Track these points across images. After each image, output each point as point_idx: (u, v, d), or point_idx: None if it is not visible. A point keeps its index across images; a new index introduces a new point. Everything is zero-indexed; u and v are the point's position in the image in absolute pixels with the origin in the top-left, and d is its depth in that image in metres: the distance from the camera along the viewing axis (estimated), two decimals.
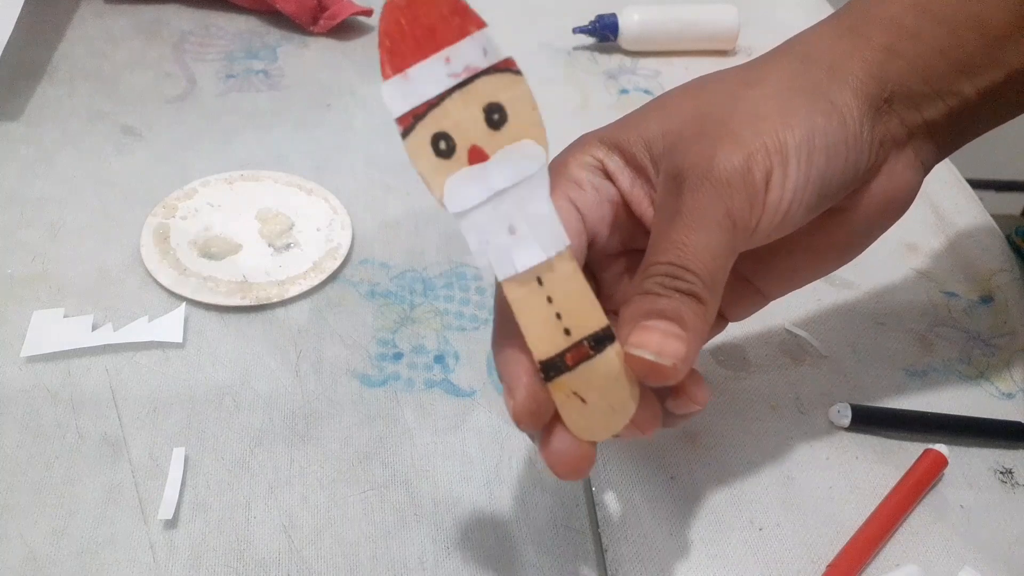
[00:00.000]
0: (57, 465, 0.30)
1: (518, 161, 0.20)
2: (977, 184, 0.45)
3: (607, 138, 0.25)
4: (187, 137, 0.44)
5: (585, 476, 0.22)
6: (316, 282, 0.37)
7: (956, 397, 0.34)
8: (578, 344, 0.21)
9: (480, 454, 0.31)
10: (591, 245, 0.25)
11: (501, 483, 0.31)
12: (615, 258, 0.26)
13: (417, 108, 0.20)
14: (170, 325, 0.35)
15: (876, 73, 0.24)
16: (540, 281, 0.21)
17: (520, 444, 0.32)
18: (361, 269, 0.38)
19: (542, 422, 0.22)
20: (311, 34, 0.51)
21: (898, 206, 0.26)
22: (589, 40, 0.51)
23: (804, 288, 0.28)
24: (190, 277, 0.36)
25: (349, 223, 0.39)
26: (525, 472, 0.31)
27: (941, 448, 0.31)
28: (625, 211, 0.25)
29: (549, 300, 0.21)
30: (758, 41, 0.51)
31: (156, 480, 0.30)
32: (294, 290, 0.36)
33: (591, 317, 0.21)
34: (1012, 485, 0.31)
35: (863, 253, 0.27)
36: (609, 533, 0.29)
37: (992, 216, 0.42)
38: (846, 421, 0.32)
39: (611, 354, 0.21)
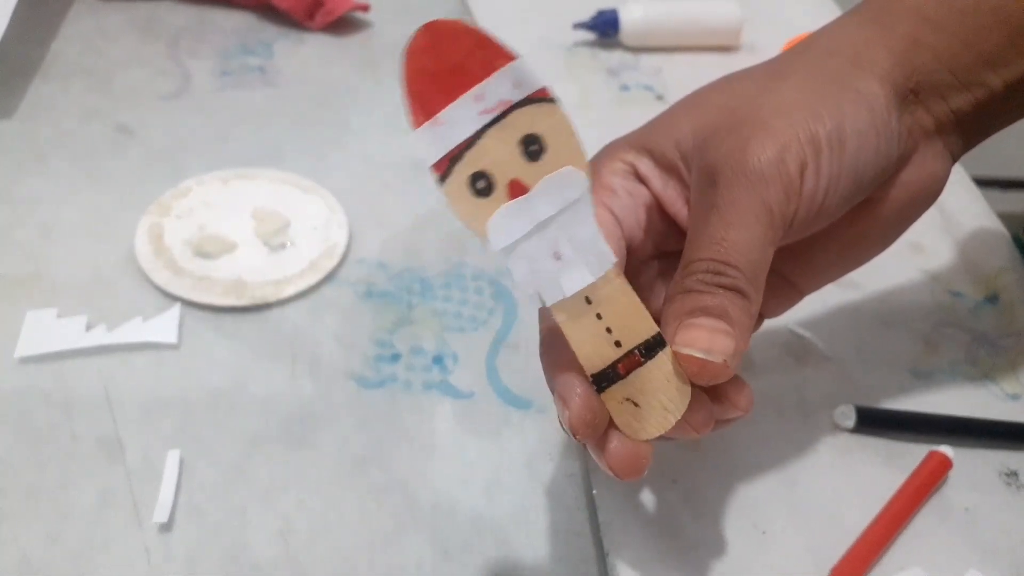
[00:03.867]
0: (51, 468, 0.30)
1: (561, 189, 0.20)
2: (983, 183, 0.45)
3: (636, 141, 0.25)
4: (182, 135, 0.43)
5: (643, 474, 0.22)
6: (312, 282, 0.36)
7: (961, 398, 0.34)
8: (629, 353, 0.21)
9: (479, 457, 0.31)
10: (627, 250, 0.25)
11: (501, 487, 0.30)
12: (647, 262, 0.26)
13: (452, 151, 0.20)
14: (164, 326, 0.34)
15: (901, 62, 0.24)
16: (588, 300, 0.21)
17: (520, 447, 0.31)
18: (358, 269, 0.38)
19: (599, 431, 0.22)
20: (308, 30, 0.51)
21: (928, 195, 0.26)
22: (590, 36, 0.51)
23: None
24: (185, 277, 0.36)
25: (346, 222, 0.39)
26: (525, 476, 0.31)
27: (946, 450, 0.31)
28: (658, 213, 0.25)
29: (599, 316, 0.21)
30: (762, 37, 0.51)
31: (151, 483, 0.29)
32: (290, 290, 0.36)
33: (641, 327, 0.21)
34: (1017, 487, 0.31)
35: None
36: (610, 537, 0.28)
37: (998, 215, 0.42)
38: (851, 423, 0.32)
39: (662, 358, 0.21)
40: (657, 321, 0.22)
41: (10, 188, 0.40)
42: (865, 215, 0.25)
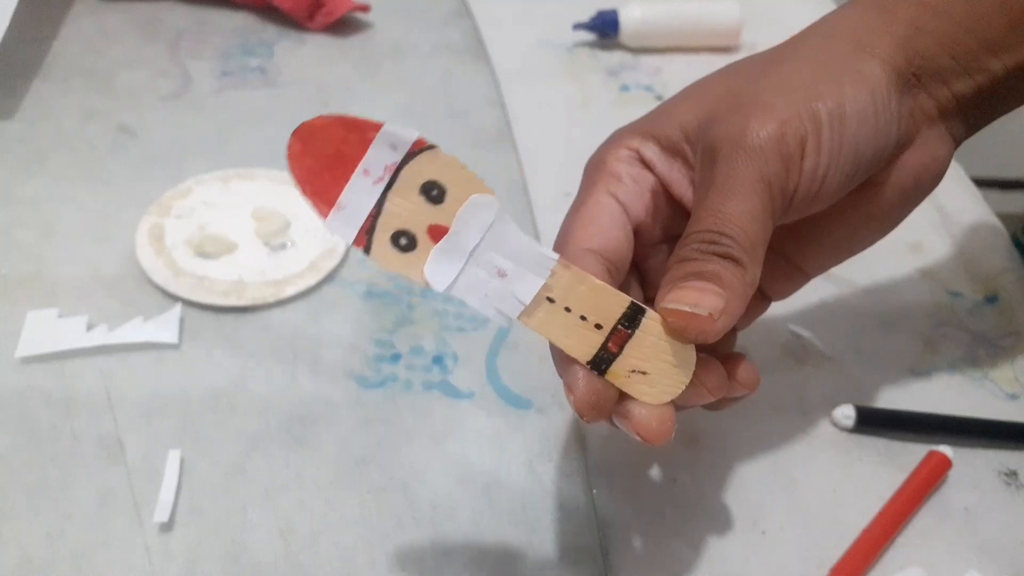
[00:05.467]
0: (52, 467, 0.30)
1: (476, 216, 0.21)
2: (982, 183, 0.45)
3: (641, 128, 0.26)
4: (182, 135, 0.43)
5: (671, 435, 0.22)
6: (312, 282, 0.36)
7: (961, 398, 0.34)
8: (614, 330, 0.22)
9: (479, 457, 0.31)
10: (635, 236, 0.25)
11: (500, 486, 0.30)
12: (657, 246, 0.27)
13: (364, 225, 0.21)
14: (165, 326, 0.34)
15: (903, 47, 0.24)
16: (551, 299, 0.22)
17: (520, 447, 0.32)
18: (358, 269, 0.38)
19: (605, 412, 0.22)
20: (308, 31, 0.51)
21: (930, 178, 0.26)
22: (590, 36, 0.51)
23: (807, 287, 0.28)
24: (185, 277, 0.36)
25: None
26: (525, 475, 0.31)
27: (945, 450, 0.31)
28: (665, 197, 0.26)
29: (567, 310, 0.22)
30: (762, 37, 0.51)
31: (151, 483, 0.29)
32: (290, 290, 0.36)
33: (613, 303, 0.22)
34: (1017, 487, 0.31)
35: (866, 251, 0.27)
36: (611, 536, 0.29)
37: (997, 215, 0.42)
38: (850, 423, 0.32)
39: (648, 323, 0.22)
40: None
41: (11, 188, 0.40)
42: (869, 197, 0.26)
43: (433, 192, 0.21)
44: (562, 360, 0.23)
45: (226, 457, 0.31)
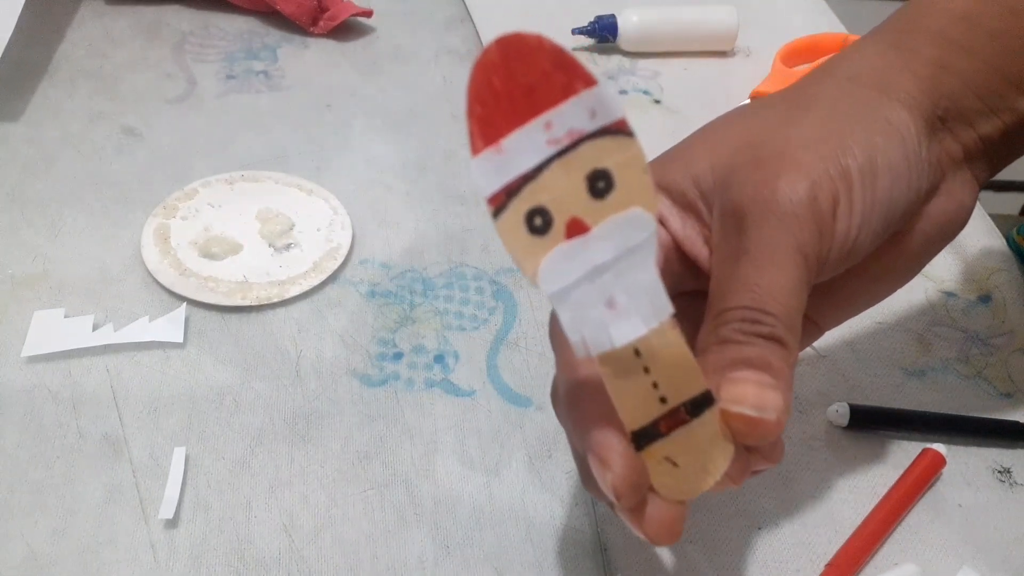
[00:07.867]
0: (58, 465, 0.30)
1: (623, 232, 0.18)
2: None
3: (652, 178, 0.24)
4: (187, 138, 0.44)
5: (679, 539, 0.20)
6: (316, 282, 0.37)
7: (954, 397, 0.34)
8: (674, 411, 0.20)
9: (480, 454, 0.32)
10: None
11: (501, 483, 0.31)
12: None
13: (511, 183, 0.18)
14: (171, 325, 0.35)
15: (928, 88, 0.23)
16: (637, 352, 0.19)
17: (520, 444, 0.32)
18: (361, 269, 0.38)
19: (642, 494, 0.20)
20: (311, 35, 0.52)
21: (955, 226, 0.25)
22: (588, 41, 0.52)
23: None
24: (191, 277, 0.36)
25: (349, 223, 0.39)
26: (525, 471, 0.31)
27: (939, 447, 0.31)
28: (676, 254, 0.24)
29: (646, 370, 0.19)
30: (757, 42, 0.51)
31: (157, 480, 0.30)
32: (294, 290, 0.36)
33: (690, 384, 0.20)
34: (1010, 484, 0.31)
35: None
36: (609, 531, 0.29)
37: (991, 216, 0.42)
38: (844, 420, 0.32)
39: (709, 417, 0.20)
40: None
41: (18, 189, 0.40)
42: (890, 249, 0.24)
43: (600, 184, 0.18)
44: (589, 424, 0.20)
45: (231, 454, 0.31)
